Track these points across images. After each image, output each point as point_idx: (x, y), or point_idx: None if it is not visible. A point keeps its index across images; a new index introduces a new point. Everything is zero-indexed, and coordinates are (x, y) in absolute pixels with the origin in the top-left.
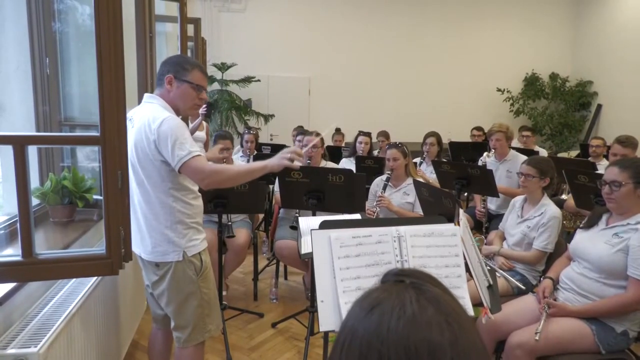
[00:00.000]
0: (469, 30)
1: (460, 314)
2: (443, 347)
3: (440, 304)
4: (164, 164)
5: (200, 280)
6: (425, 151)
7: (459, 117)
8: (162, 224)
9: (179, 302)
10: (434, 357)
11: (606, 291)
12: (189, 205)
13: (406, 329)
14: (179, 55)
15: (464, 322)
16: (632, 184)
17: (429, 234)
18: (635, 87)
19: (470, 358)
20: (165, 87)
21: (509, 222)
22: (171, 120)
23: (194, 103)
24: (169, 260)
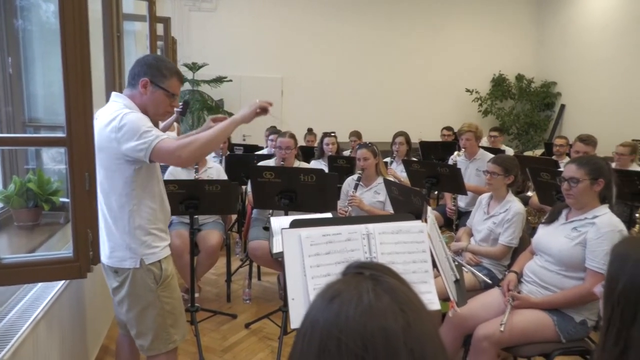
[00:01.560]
0: (438, 31)
1: (416, 303)
2: (397, 333)
3: (396, 293)
4: (128, 163)
5: (160, 289)
6: (394, 151)
7: (430, 117)
8: (120, 228)
9: (138, 310)
10: (388, 342)
11: (566, 283)
12: (151, 210)
13: (363, 318)
14: (157, 56)
15: (418, 311)
16: (588, 180)
17: (396, 231)
18: (597, 87)
19: (423, 343)
20: (138, 90)
21: (476, 218)
22: (131, 114)
23: (165, 110)
24: (126, 267)
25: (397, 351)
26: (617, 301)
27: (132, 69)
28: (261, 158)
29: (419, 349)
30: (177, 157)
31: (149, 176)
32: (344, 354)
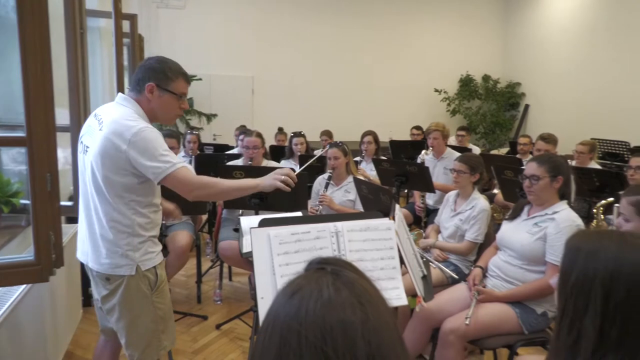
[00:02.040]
0: (408, 32)
1: (374, 296)
2: (355, 325)
3: (355, 287)
4: (133, 175)
5: (155, 295)
6: (363, 150)
7: (400, 117)
8: (118, 235)
9: (131, 318)
10: (346, 334)
11: (528, 276)
12: (148, 218)
13: (322, 311)
14: (160, 59)
15: (376, 304)
16: (548, 177)
17: (365, 228)
18: (558, 88)
19: (380, 335)
20: (144, 95)
21: (443, 216)
22: (148, 131)
23: (175, 113)
24: (121, 274)
25: (355, 342)
26: (571, 292)
27: (135, 73)
28: (231, 157)
29: (376, 340)
30: (189, 192)
31: (148, 188)
32: (304, 347)
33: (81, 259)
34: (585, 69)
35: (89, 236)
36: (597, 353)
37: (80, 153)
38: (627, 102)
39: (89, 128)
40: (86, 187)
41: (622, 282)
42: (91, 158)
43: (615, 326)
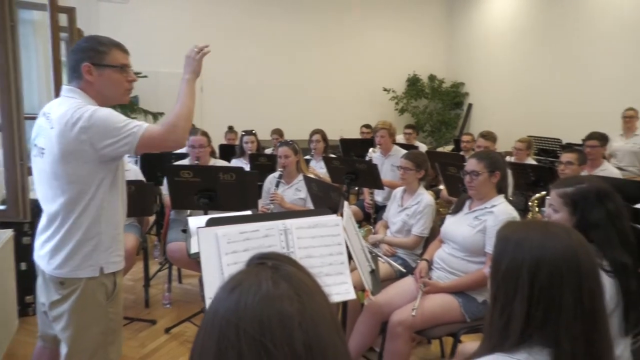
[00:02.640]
0: (358, 32)
1: (312, 288)
2: (292, 316)
3: (293, 280)
4: (101, 166)
5: (110, 304)
6: (312, 148)
7: (350, 115)
8: (82, 235)
9: (80, 327)
10: (283, 325)
11: (470, 267)
12: (115, 215)
13: (261, 304)
14: (87, 38)
15: (313, 295)
16: (487, 172)
17: (313, 225)
18: (498, 88)
19: (317, 324)
20: (84, 79)
21: (391, 211)
22: (99, 111)
23: (125, 88)
24: (80, 277)
25: (292, 332)
26: (501, 279)
27: (68, 62)
28: (179, 157)
29: (313, 329)
30: (165, 141)
31: (115, 181)
32: (243, 340)
33: (38, 262)
34: (523, 70)
35: (49, 238)
36: (525, 333)
37: (35, 157)
38: (560, 102)
39: (41, 128)
40: (45, 189)
41: (545, 268)
42: (50, 159)
43: (539, 308)
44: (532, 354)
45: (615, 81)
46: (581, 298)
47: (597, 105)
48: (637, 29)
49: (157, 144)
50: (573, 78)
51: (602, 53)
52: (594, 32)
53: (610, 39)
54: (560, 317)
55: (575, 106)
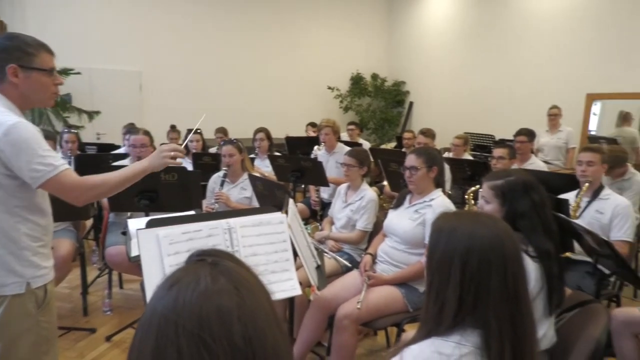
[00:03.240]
0: (301, 30)
1: (251, 282)
2: (231, 310)
3: (232, 275)
4: (9, 178)
5: (41, 313)
6: (256, 147)
7: (296, 113)
8: (3, 248)
9: (9, 340)
10: (222, 319)
11: (411, 259)
12: (37, 226)
13: (199, 300)
14: (8, 36)
15: (252, 288)
16: (425, 168)
17: (257, 223)
18: (438, 87)
19: (255, 317)
20: (8, 81)
21: (336, 208)
22: (22, 128)
23: (51, 92)
24: (5, 294)
25: (231, 326)
26: (436, 267)
27: None
28: (117, 157)
29: (252, 322)
30: (77, 197)
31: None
32: (181, 336)
33: None
34: (460, 70)
35: None
36: (458, 317)
37: None
38: (494, 100)
39: None
40: None
41: (475, 255)
42: None
43: (470, 292)
44: (465, 336)
45: (542, 81)
46: (506, 282)
47: (526, 104)
48: (562, 33)
49: (64, 193)
50: (505, 78)
51: (530, 55)
52: (523, 36)
53: (538, 43)
54: (489, 300)
55: (508, 104)
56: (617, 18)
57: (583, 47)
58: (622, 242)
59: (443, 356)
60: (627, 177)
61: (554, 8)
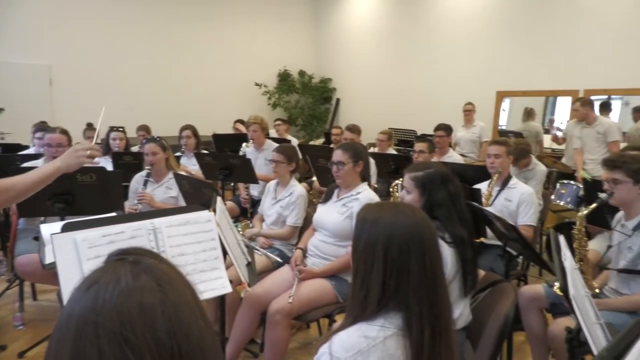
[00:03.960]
0: (227, 26)
1: (174, 277)
2: (154, 306)
3: (154, 271)
4: None
5: None
6: (182, 144)
7: (223, 111)
8: None
9: None
10: (145, 315)
11: (340, 251)
12: None
13: (120, 298)
14: None
15: (175, 283)
16: (352, 162)
17: (184, 222)
18: (364, 84)
19: (180, 310)
20: None
21: (266, 204)
22: None
23: None
24: None
25: (154, 321)
26: (360, 256)
27: None
28: (27, 158)
29: (176, 317)
30: None
31: None
32: (102, 336)
33: None
34: (384, 67)
35: None
36: (382, 302)
37: None
38: (414, 97)
39: None
40: None
41: (396, 243)
42: None
43: (393, 278)
44: (388, 319)
45: (458, 79)
46: (425, 266)
47: (444, 100)
48: (475, 35)
49: None
50: (425, 76)
51: (447, 55)
52: (441, 36)
53: (453, 43)
54: (409, 284)
55: (427, 100)
56: (524, 21)
57: (494, 47)
58: (527, 226)
59: (369, 339)
60: (531, 167)
61: (468, 11)
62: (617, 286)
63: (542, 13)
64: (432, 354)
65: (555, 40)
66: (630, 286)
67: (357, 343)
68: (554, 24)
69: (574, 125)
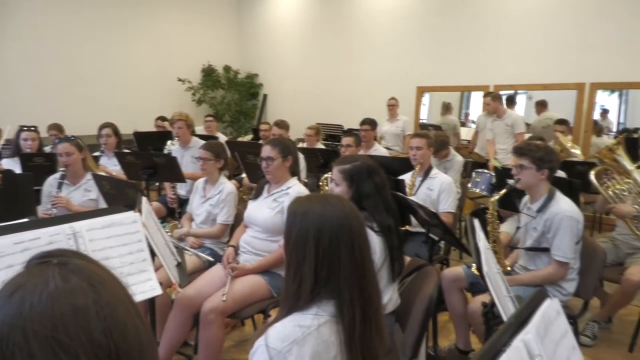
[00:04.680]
0: (147, 19)
1: (105, 277)
2: (87, 306)
3: (83, 272)
4: None
5: None
6: (102, 143)
7: (144, 107)
8: None
9: None
10: (78, 316)
11: (272, 246)
12: None
13: (50, 301)
14: None
15: (108, 284)
16: (281, 157)
17: (107, 225)
18: (290, 79)
19: (115, 309)
20: None
21: (194, 203)
22: None
23: None
24: None
25: (89, 322)
26: (292, 248)
27: None
28: None
29: (111, 315)
30: None
31: None
32: (32, 340)
33: None
34: (310, 63)
35: None
36: (314, 291)
37: None
38: (340, 92)
39: None
40: None
41: (326, 233)
42: None
43: (324, 267)
44: (321, 307)
45: (381, 75)
46: (354, 254)
47: (368, 95)
48: (396, 32)
49: None
50: (350, 71)
51: (370, 51)
52: (364, 33)
53: (376, 40)
54: (340, 272)
55: (353, 96)
56: (441, 21)
57: (414, 45)
58: (447, 213)
59: (303, 328)
60: (450, 158)
61: (389, 10)
62: (526, 263)
63: (456, 14)
64: (363, 336)
65: (469, 39)
66: (536, 263)
67: (292, 333)
68: (468, 24)
69: (484, 118)
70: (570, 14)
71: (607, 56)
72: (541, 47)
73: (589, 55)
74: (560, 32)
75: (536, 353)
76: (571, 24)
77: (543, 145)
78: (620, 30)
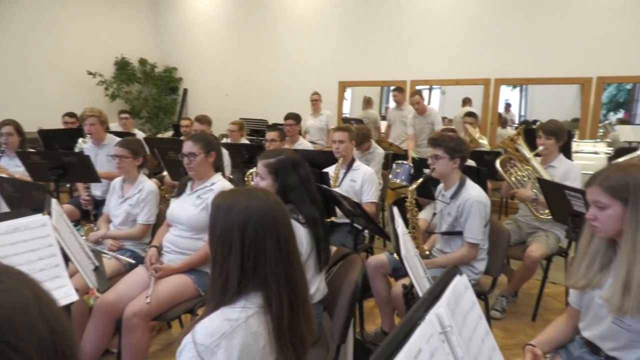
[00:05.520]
0: (50, 7)
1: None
2: (30, 306)
3: (11, 272)
4: None
5: None
6: (2, 143)
7: (50, 103)
8: None
9: None
10: (24, 316)
11: (197, 244)
12: None
13: None
14: None
15: (35, 283)
16: (203, 153)
17: (12, 230)
18: (212, 73)
19: (53, 308)
20: None
21: (112, 204)
22: None
23: None
24: None
25: (34, 321)
26: (218, 242)
27: None
28: None
29: (51, 314)
30: None
31: None
32: None
33: None
34: (232, 57)
35: None
36: (241, 284)
37: None
38: (264, 87)
39: None
40: None
41: (251, 225)
42: None
43: (250, 259)
44: (249, 299)
45: (303, 69)
46: (279, 244)
47: (292, 90)
48: (316, 27)
49: None
50: (272, 66)
51: (291, 46)
52: (284, 28)
53: (297, 34)
54: (267, 263)
55: (276, 90)
56: (359, 18)
57: (334, 40)
58: (370, 203)
59: (232, 321)
60: (372, 150)
61: (310, 6)
62: (442, 247)
63: (376, 12)
64: (292, 324)
65: (388, 37)
66: (451, 245)
67: (221, 327)
68: (386, 23)
69: (394, 112)
70: (477, 14)
71: (509, 54)
72: (453, 45)
73: (494, 53)
74: (468, 31)
75: (447, 324)
76: (477, 23)
77: (455, 136)
78: (521, 30)
